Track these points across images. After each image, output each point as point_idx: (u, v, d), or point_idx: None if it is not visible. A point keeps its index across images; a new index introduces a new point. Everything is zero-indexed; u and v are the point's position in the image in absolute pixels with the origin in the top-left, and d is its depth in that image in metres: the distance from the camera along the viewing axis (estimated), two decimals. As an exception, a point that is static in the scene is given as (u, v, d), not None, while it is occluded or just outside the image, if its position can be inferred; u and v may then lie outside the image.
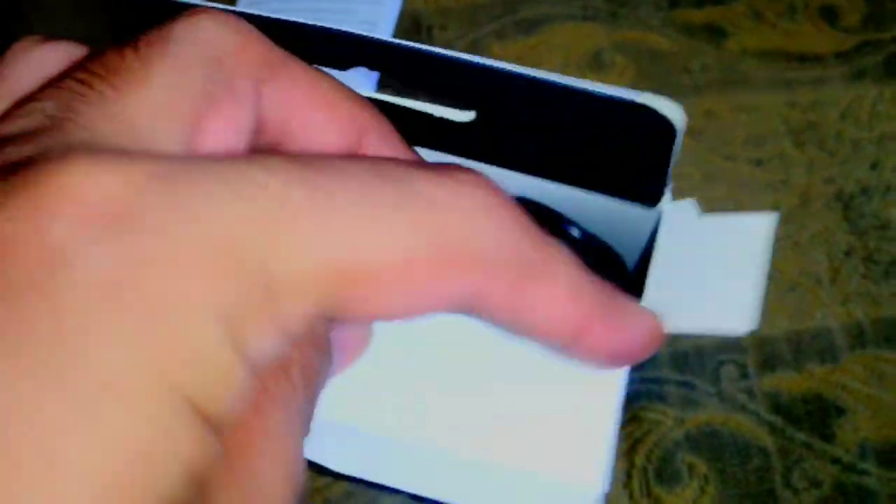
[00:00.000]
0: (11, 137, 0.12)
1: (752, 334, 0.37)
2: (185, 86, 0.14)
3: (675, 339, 0.37)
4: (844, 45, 0.45)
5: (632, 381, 0.37)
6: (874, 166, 0.41)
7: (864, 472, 0.34)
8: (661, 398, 0.36)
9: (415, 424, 0.23)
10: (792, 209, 0.40)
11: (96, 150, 0.12)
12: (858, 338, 0.37)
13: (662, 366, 0.37)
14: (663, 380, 0.37)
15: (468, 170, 0.14)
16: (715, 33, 0.46)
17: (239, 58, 0.15)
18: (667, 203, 0.27)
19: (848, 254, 0.39)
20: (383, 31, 0.45)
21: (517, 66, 0.24)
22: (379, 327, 0.17)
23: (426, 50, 0.24)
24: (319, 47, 0.24)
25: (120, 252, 0.11)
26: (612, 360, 0.15)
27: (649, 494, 0.34)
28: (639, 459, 0.35)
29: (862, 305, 0.37)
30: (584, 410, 0.24)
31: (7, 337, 0.10)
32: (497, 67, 0.24)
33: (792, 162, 0.41)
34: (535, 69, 0.24)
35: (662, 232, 0.27)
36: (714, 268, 0.25)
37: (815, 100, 0.43)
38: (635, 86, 0.44)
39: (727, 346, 0.37)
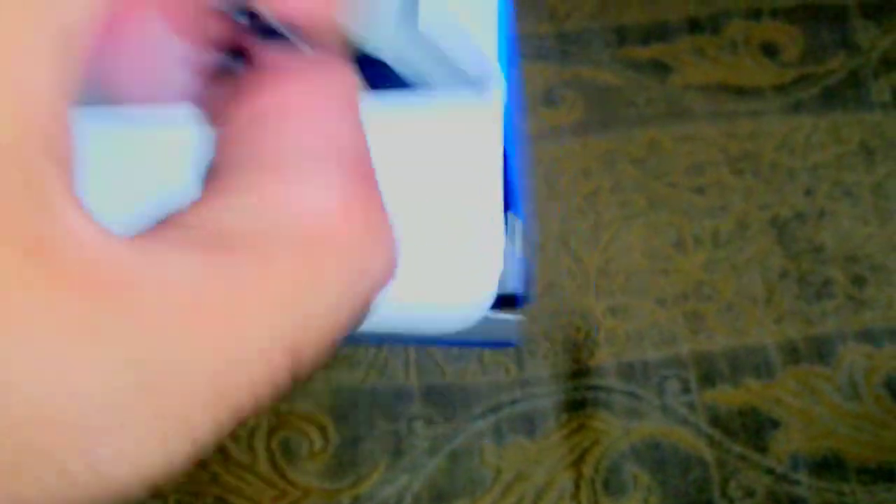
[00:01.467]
0: None
1: (692, 351, 0.39)
2: None
3: (621, 350, 0.39)
4: (782, 79, 0.47)
5: (577, 388, 0.38)
6: (808, 193, 0.43)
7: (795, 482, 0.35)
8: (608, 406, 0.38)
9: None
10: (730, 233, 0.42)
11: None
12: (792, 354, 0.38)
13: (609, 375, 0.38)
14: (610, 388, 0.38)
15: None
16: (660, 69, 0.47)
17: None
18: None
19: (782, 276, 0.40)
20: None
21: None
22: None
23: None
24: None
25: None
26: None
27: (596, 505, 0.36)
28: (587, 470, 0.36)
29: (795, 324, 0.39)
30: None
31: None
32: None
33: (730, 189, 0.43)
34: None
35: None
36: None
37: (753, 131, 0.45)
38: (585, 118, 0.46)
39: (671, 362, 0.39)
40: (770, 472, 0.36)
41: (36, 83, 0.10)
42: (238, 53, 0.15)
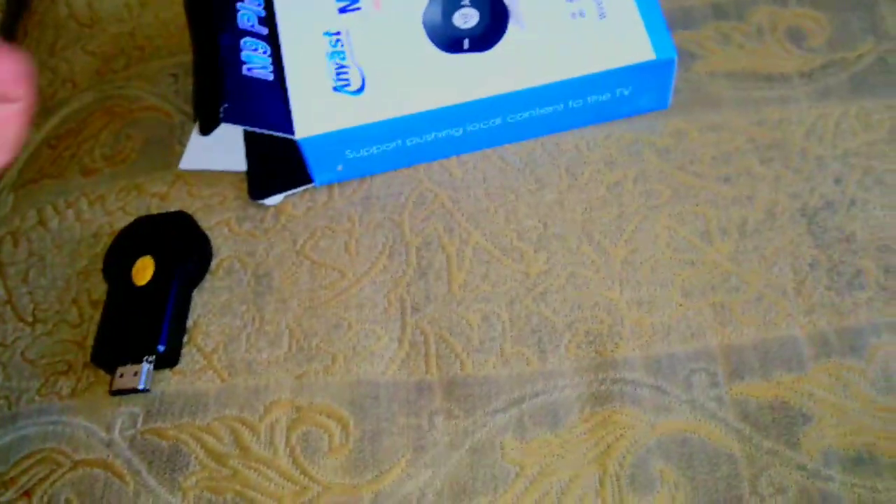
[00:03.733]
0: None
1: (721, 343, 0.37)
2: None
3: (647, 343, 0.37)
4: (810, 65, 0.45)
5: (602, 381, 0.36)
6: (838, 181, 0.41)
7: (828, 479, 0.34)
8: (634, 400, 0.36)
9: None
10: (758, 223, 0.40)
11: None
12: (824, 347, 0.36)
13: (635, 368, 0.37)
14: (636, 382, 0.36)
15: None
16: (685, 56, 0.45)
17: None
18: None
19: (812, 266, 0.38)
20: None
21: None
22: None
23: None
24: None
25: None
26: None
27: (622, 502, 0.34)
28: (612, 466, 0.35)
29: (826, 316, 0.37)
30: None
31: None
32: None
33: (758, 178, 0.41)
34: None
35: None
36: None
37: (780, 118, 0.43)
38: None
39: (699, 355, 0.37)
40: (802, 468, 0.34)
41: None
42: None
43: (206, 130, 0.39)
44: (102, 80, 0.51)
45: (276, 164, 0.43)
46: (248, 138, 0.45)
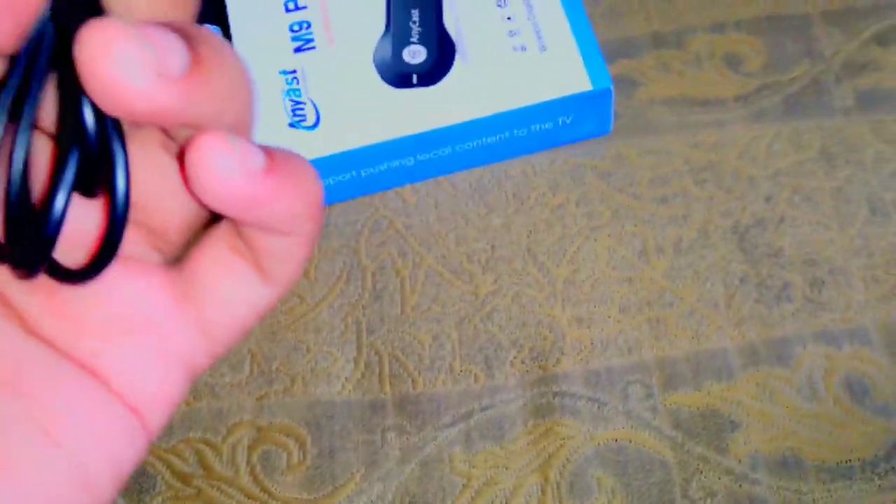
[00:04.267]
0: None
1: (656, 356, 0.39)
2: None
3: (587, 357, 0.39)
4: (746, 89, 0.47)
5: (544, 395, 0.38)
6: (768, 200, 0.43)
7: (755, 482, 0.35)
8: (574, 412, 0.38)
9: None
10: (692, 241, 0.42)
11: None
12: (752, 357, 0.38)
13: (575, 381, 0.39)
14: (576, 394, 0.38)
15: None
16: (626, 84, 0.48)
17: None
18: None
19: (742, 281, 0.40)
20: None
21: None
22: None
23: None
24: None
25: None
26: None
27: (562, 508, 0.36)
28: (552, 474, 0.36)
29: (755, 328, 0.39)
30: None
31: None
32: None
33: (693, 199, 0.43)
34: None
35: None
36: None
37: (716, 141, 0.45)
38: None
39: (635, 368, 0.39)
40: (730, 472, 0.36)
41: None
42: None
43: None
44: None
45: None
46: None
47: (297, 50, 0.45)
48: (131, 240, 0.20)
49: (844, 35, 0.49)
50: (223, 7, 0.46)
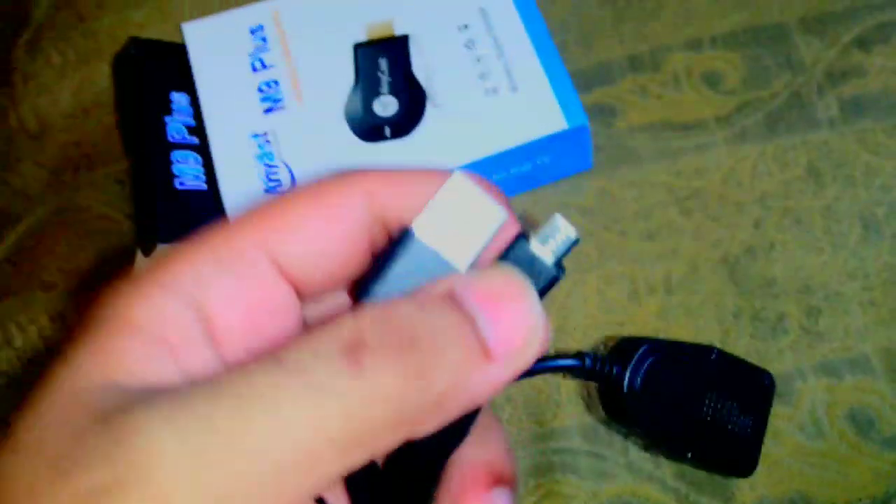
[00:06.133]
0: None
1: (654, 403, 0.38)
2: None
3: (584, 409, 0.38)
4: (726, 109, 0.46)
5: (543, 452, 0.37)
6: (757, 225, 0.41)
7: (764, 529, 0.34)
8: (574, 470, 0.37)
9: None
10: (682, 277, 0.40)
11: None
12: (751, 396, 0.37)
13: (573, 436, 0.37)
14: (575, 450, 0.37)
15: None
16: (605, 113, 0.46)
17: None
18: None
19: (736, 316, 0.39)
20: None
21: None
22: None
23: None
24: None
25: None
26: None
27: (570, 569, 0.35)
28: (557, 537, 0.35)
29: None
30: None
31: None
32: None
33: (679, 231, 0.42)
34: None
35: None
36: None
37: (698, 167, 0.44)
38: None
39: (634, 416, 0.37)
40: (738, 521, 0.34)
41: None
42: None
43: (147, 251, 0.40)
44: (54, 192, 0.52)
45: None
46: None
47: (268, 111, 0.44)
48: None
49: (823, 42, 0.47)
50: (189, 70, 0.45)
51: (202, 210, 0.42)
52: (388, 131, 0.43)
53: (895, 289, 0.39)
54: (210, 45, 0.45)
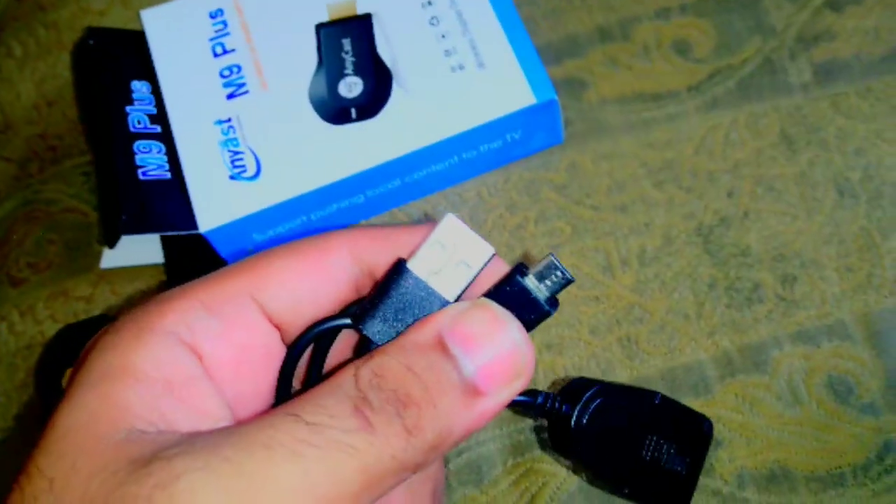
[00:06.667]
0: None
1: (630, 377, 0.37)
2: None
3: (561, 385, 0.37)
4: (697, 77, 0.45)
5: (521, 431, 0.37)
6: (730, 195, 0.41)
7: (744, 501, 0.34)
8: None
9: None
10: (656, 250, 0.40)
11: None
12: (728, 367, 0.37)
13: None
14: (556, 432, 0.37)
15: None
16: (575, 86, 0.45)
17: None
18: None
19: (711, 286, 0.39)
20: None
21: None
22: None
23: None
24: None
25: None
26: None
27: (551, 548, 0.34)
28: (537, 516, 0.35)
29: (728, 335, 0.37)
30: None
31: None
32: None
33: (652, 203, 0.41)
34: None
35: None
36: None
37: (670, 138, 0.43)
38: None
39: (611, 392, 0.37)
40: (717, 493, 0.34)
41: None
42: None
43: (111, 243, 0.39)
44: (20, 185, 0.51)
45: (191, 252, 0.44)
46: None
47: (230, 96, 0.43)
48: None
49: (795, 4, 0.46)
50: (149, 57, 0.44)
51: (167, 199, 0.41)
52: (354, 113, 0.42)
53: (871, 254, 0.38)
54: (169, 31, 0.44)
